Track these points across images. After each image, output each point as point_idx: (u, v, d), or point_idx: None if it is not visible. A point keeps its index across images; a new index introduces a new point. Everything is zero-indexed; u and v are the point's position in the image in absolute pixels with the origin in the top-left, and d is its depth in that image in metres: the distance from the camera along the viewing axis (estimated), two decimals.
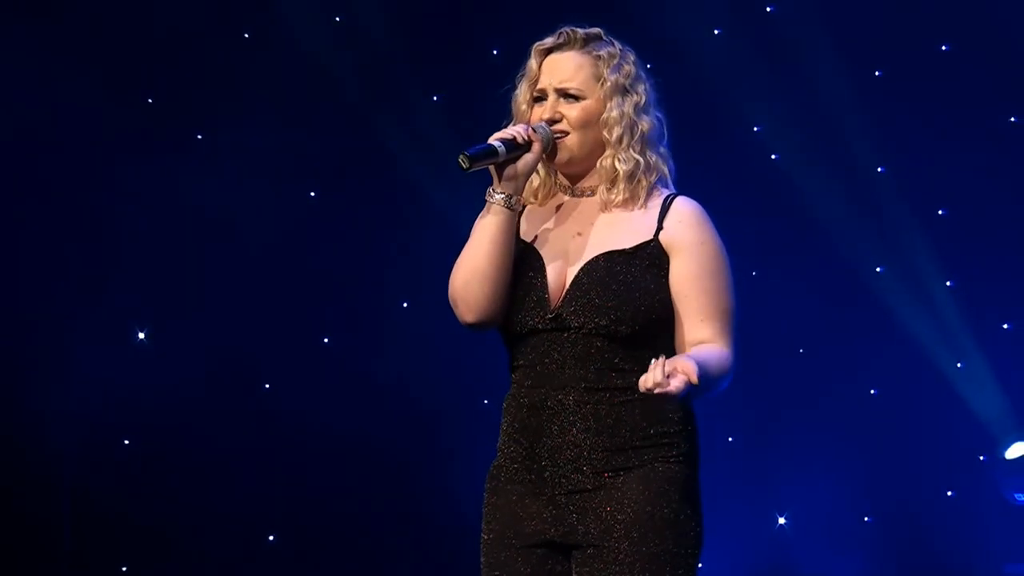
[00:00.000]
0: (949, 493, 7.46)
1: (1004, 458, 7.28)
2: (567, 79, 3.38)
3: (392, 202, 7.52)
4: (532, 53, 3.43)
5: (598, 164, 3.38)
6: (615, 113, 3.36)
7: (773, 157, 7.52)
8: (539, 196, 3.47)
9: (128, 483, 7.12)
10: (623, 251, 3.31)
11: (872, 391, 7.53)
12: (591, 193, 3.41)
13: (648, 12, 7.02)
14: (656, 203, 3.37)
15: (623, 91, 3.38)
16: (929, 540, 7.39)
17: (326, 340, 7.57)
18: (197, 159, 7.31)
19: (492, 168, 3.34)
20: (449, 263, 8.04)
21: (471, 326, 3.39)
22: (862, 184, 7.42)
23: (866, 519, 7.49)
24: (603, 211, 3.38)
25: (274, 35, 7.39)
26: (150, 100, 7.32)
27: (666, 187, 3.42)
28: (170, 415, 7.17)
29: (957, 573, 7.34)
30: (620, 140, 3.35)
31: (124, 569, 7.23)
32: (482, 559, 3.44)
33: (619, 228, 3.35)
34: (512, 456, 3.37)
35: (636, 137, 3.36)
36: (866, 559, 7.42)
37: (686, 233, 3.33)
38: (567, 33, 3.42)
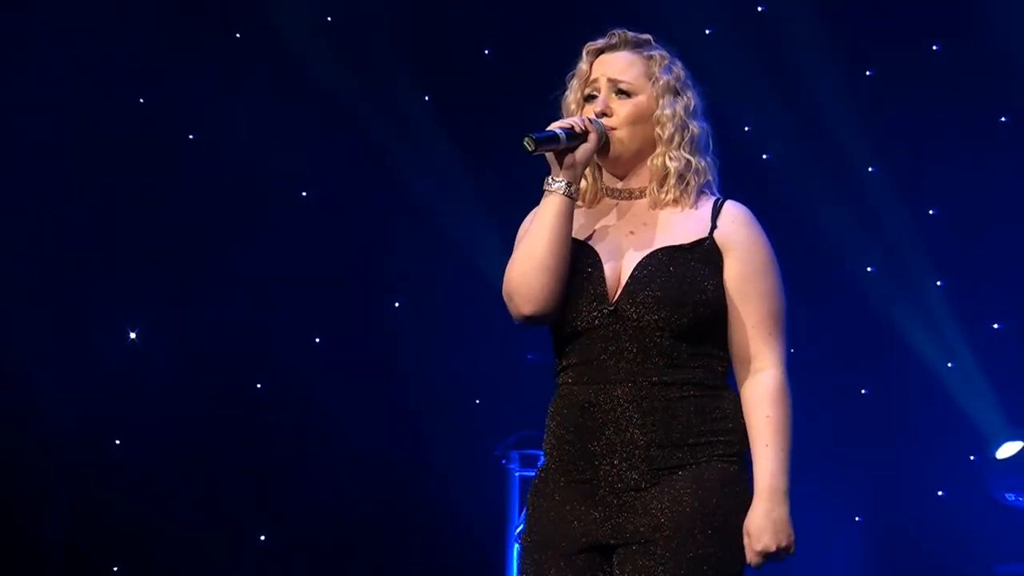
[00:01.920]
0: (940, 493, 7.47)
1: (995, 458, 7.29)
2: (619, 72, 3.38)
3: (384, 202, 7.52)
4: (583, 54, 3.43)
5: (648, 162, 3.37)
6: (667, 111, 3.37)
7: (764, 157, 7.53)
8: (586, 199, 3.43)
9: (120, 483, 7.11)
10: (681, 247, 3.31)
11: (863, 391, 7.54)
12: (639, 195, 3.39)
13: (639, 11, 7.03)
14: (707, 205, 3.39)
15: (674, 91, 3.40)
16: (920, 540, 7.39)
17: (318, 340, 7.57)
18: (188, 159, 7.31)
19: (551, 156, 3.30)
20: (441, 264, 8.05)
21: (527, 319, 3.29)
22: (853, 184, 7.43)
23: (857, 519, 7.50)
24: (653, 210, 3.37)
25: (265, 34, 7.39)
26: (141, 100, 7.32)
27: (712, 193, 3.45)
28: (162, 415, 7.16)
29: (948, 573, 7.35)
30: (672, 139, 3.36)
31: (116, 569, 7.22)
32: (522, 562, 3.35)
33: (673, 226, 3.35)
34: (563, 459, 3.30)
35: (687, 139, 3.37)
36: (857, 559, 7.42)
37: (740, 233, 3.37)
38: (619, 34, 3.44)
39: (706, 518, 3.21)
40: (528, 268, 3.27)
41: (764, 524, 3.23)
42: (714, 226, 3.35)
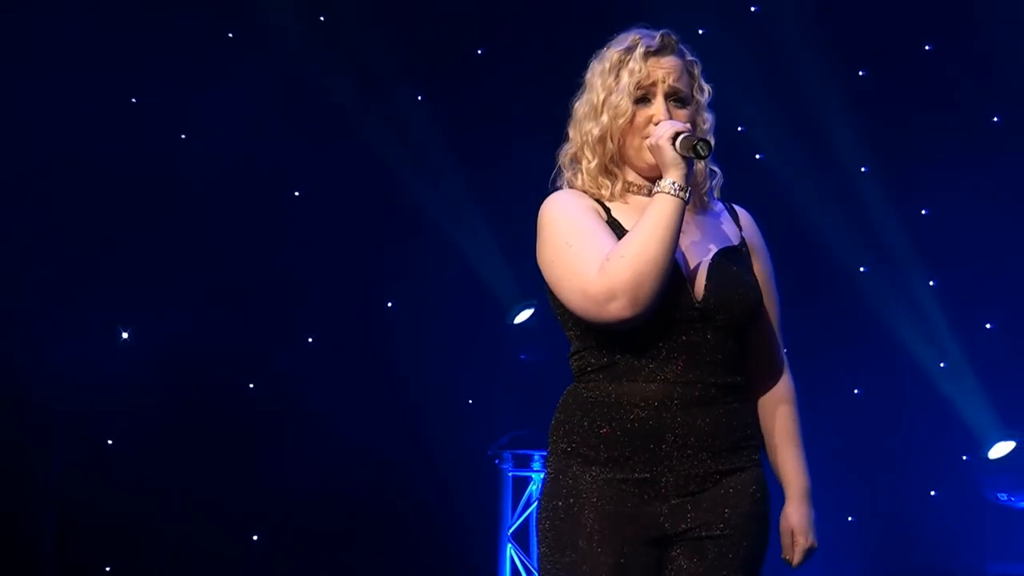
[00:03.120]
0: (932, 492, 7.48)
1: (987, 458, 7.30)
2: (678, 79, 3.37)
3: (377, 202, 7.52)
4: (636, 54, 3.37)
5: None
6: (711, 121, 3.42)
7: (757, 157, 7.53)
8: (613, 193, 3.37)
9: (112, 483, 7.10)
10: (736, 248, 3.37)
11: (856, 391, 7.55)
12: None
13: (632, 11, 7.02)
14: (720, 208, 3.46)
15: (711, 102, 3.44)
16: (912, 539, 7.40)
17: (310, 340, 7.57)
18: (182, 159, 7.31)
19: (683, 159, 3.23)
20: (433, 264, 8.03)
21: (623, 322, 3.15)
22: (846, 184, 7.44)
23: (850, 518, 7.50)
24: (688, 212, 3.32)
25: (258, 35, 7.39)
26: (134, 100, 7.31)
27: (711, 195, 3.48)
28: (154, 415, 7.16)
29: (940, 572, 7.36)
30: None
31: (108, 569, 7.22)
32: (575, 556, 3.20)
33: (718, 228, 3.40)
34: (614, 457, 3.21)
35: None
36: (850, 558, 7.43)
37: (757, 237, 3.48)
38: (669, 38, 3.43)
39: (756, 520, 3.34)
40: (647, 271, 3.14)
41: (807, 523, 3.51)
42: (740, 228, 3.45)
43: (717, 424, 3.24)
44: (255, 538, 7.44)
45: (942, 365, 7.40)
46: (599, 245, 3.20)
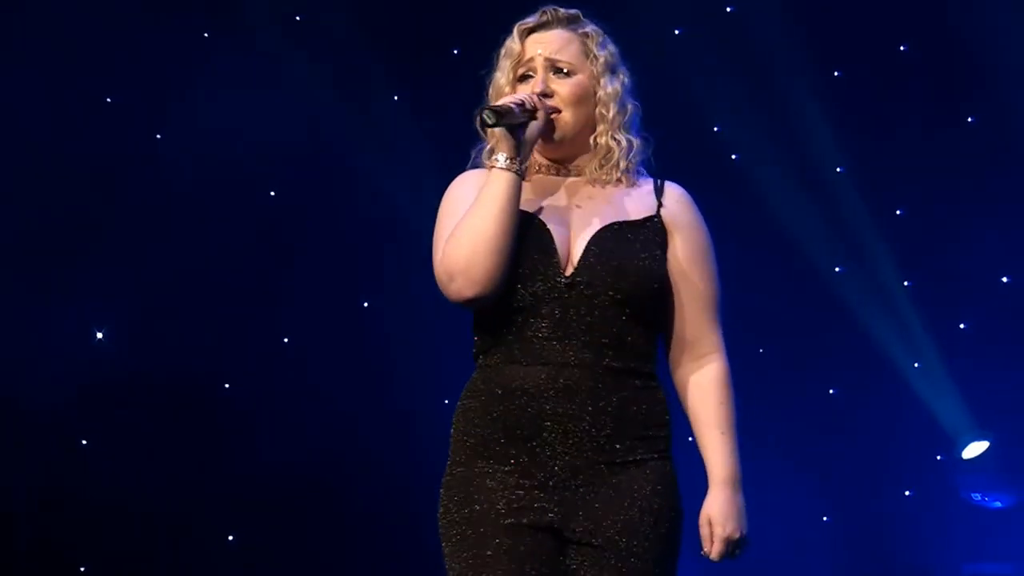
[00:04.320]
0: (907, 493, 7.49)
1: (961, 458, 7.32)
2: (557, 51, 3.28)
3: (352, 201, 7.50)
4: (514, 33, 3.34)
5: (591, 141, 3.28)
6: (610, 90, 3.29)
7: (733, 157, 7.54)
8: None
9: (86, 483, 7.08)
10: (632, 222, 3.23)
11: (831, 391, 7.56)
12: (577, 172, 3.30)
13: (608, 11, 7.02)
14: (647, 184, 3.32)
15: (612, 69, 3.32)
16: (887, 540, 7.42)
17: (286, 340, 7.55)
18: (156, 158, 7.28)
19: (502, 132, 3.17)
20: (409, 263, 8.02)
21: (469, 301, 3.16)
22: (821, 184, 7.45)
23: (824, 519, 7.51)
24: (594, 187, 3.27)
25: (234, 34, 7.37)
26: (108, 99, 7.29)
27: (646, 172, 3.36)
28: (129, 416, 7.14)
29: (915, 572, 7.37)
30: (614, 118, 3.28)
31: (83, 569, 7.19)
32: (454, 545, 3.20)
33: (620, 203, 3.26)
34: (492, 447, 3.15)
35: (627, 117, 3.30)
36: (825, 559, 7.44)
37: (686, 214, 3.29)
38: (550, 12, 3.35)
39: (658, 520, 3.15)
40: (476, 248, 3.12)
41: (729, 511, 3.27)
42: (660, 205, 3.27)
43: (605, 412, 3.12)
44: (231, 538, 7.42)
45: (916, 365, 7.41)
46: (452, 226, 3.19)
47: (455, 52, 7.45)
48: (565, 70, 3.28)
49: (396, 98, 7.54)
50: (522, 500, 3.11)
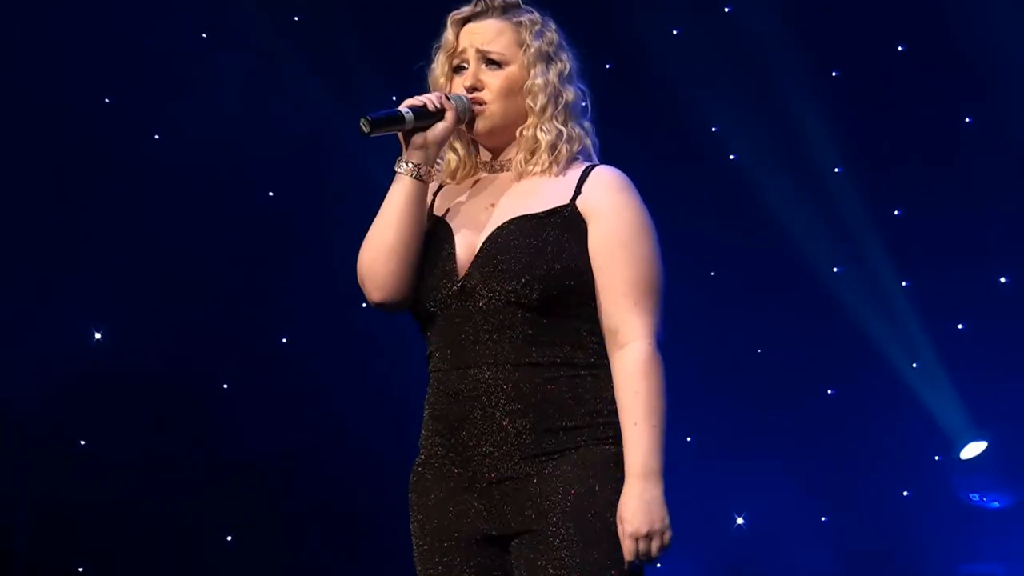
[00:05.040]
0: (905, 493, 7.49)
1: (959, 458, 7.32)
2: (488, 42, 3.21)
3: (350, 202, 7.49)
4: (447, 24, 3.30)
5: (518, 134, 3.20)
6: (539, 81, 3.18)
7: (731, 157, 7.54)
8: (458, 176, 3.29)
9: (84, 483, 7.07)
10: (534, 215, 3.11)
11: (829, 391, 7.55)
12: (510, 167, 3.22)
13: (606, 12, 7.03)
14: (576, 172, 3.17)
15: (547, 58, 3.20)
16: (885, 540, 7.42)
17: (284, 340, 7.55)
18: (154, 158, 7.28)
19: (400, 136, 3.18)
20: None
21: (379, 305, 3.20)
22: (819, 184, 7.45)
23: (823, 519, 7.51)
24: (519, 181, 3.19)
25: (232, 34, 7.36)
26: (107, 100, 7.29)
27: (588, 160, 3.23)
28: (127, 416, 7.13)
29: (913, 573, 7.38)
30: (544, 109, 3.18)
31: (81, 570, 7.19)
32: (419, 564, 3.22)
33: (533, 195, 3.15)
34: (435, 451, 3.18)
35: (560, 107, 3.19)
36: (823, 559, 7.44)
37: (605, 198, 3.12)
38: (484, 1, 3.26)
39: (595, 498, 3.04)
40: (376, 254, 3.17)
41: (637, 506, 3.01)
42: (578, 193, 3.13)
43: (526, 409, 3.05)
44: (229, 539, 7.42)
45: (915, 366, 7.41)
46: None
47: None
48: (497, 61, 3.21)
49: (394, 99, 7.53)
50: (460, 509, 3.14)
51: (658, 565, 3.18)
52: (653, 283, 3.11)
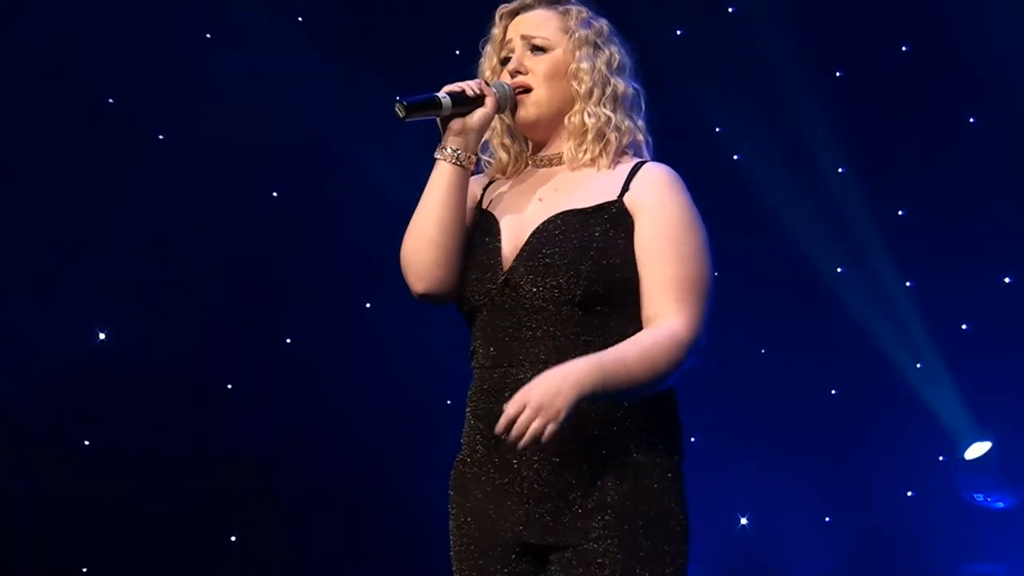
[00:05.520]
0: (909, 493, 7.49)
1: (963, 458, 7.32)
2: (534, 29, 3.17)
3: (354, 202, 7.50)
4: (495, 18, 3.27)
5: (566, 121, 3.15)
6: (585, 64, 3.14)
7: (735, 158, 7.54)
8: (508, 171, 3.24)
9: (87, 483, 7.07)
10: (581, 210, 3.04)
11: (832, 391, 7.55)
12: (559, 162, 3.16)
13: (609, 12, 7.03)
14: (626, 167, 3.11)
15: (593, 45, 3.17)
16: (889, 540, 7.42)
17: (288, 340, 7.55)
18: (158, 158, 7.28)
19: (438, 122, 3.15)
20: None
21: (423, 297, 3.12)
22: (823, 184, 7.45)
23: (827, 519, 7.51)
24: (570, 174, 3.13)
25: (236, 35, 7.37)
26: (111, 100, 7.29)
27: (639, 157, 3.19)
28: (131, 416, 7.14)
29: (916, 572, 7.37)
30: (590, 94, 3.14)
31: (85, 570, 7.19)
32: (454, 566, 3.13)
33: (582, 190, 3.08)
34: (476, 449, 3.07)
35: (608, 95, 3.15)
36: (827, 559, 7.44)
37: (653, 194, 3.05)
38: None
39: (637, 514, 2.95)
40: (418, 243, 3.11)
41: (552, 378, 2.83)
42: (626, 189, 3.07)
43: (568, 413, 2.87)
44: (233, 539, 7.42)
45: (918, 366, 7.41)
46: None
47: (457, 53, 7.45)
48: (541, 46, 3.17)
49: (398, 98, 7.53)
50: (499, 512, 3.04)
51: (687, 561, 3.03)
52: (700, 282, 3.02)
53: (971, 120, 7.42)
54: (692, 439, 7.49)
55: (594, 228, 3.02)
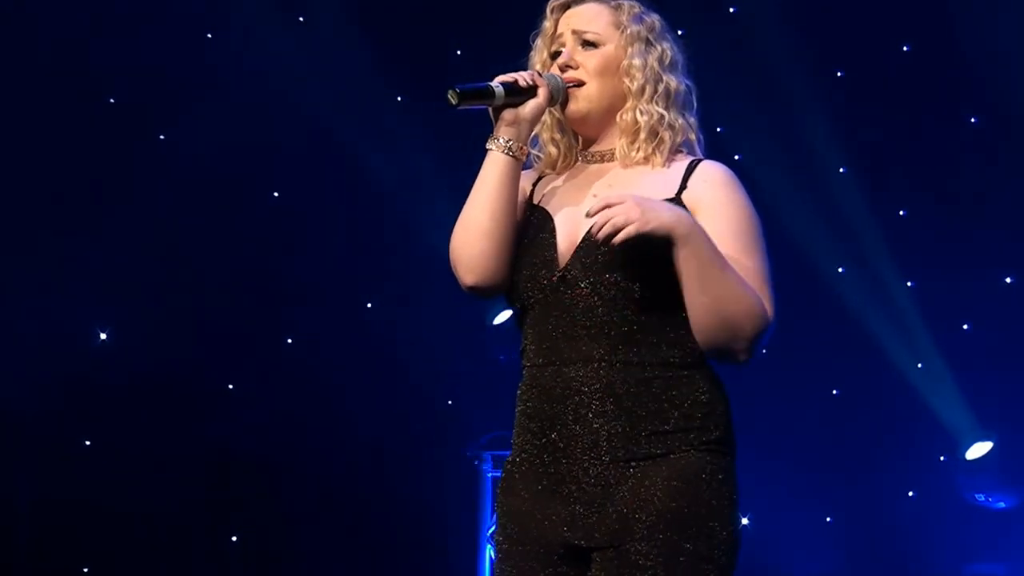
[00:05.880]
0: (910, 493, 7.49)
1: (964, 458, 7.32)
2: (585, 23, 3.13)
3: (356, 202, 7.51)
4: (548, 11, 3.21)
5: (617, 118, 3.12)
6: (637, 61, 3.11)
7: (736, 158, 7.53)
8: (558, 167, 3.20)
9: (88, 484, 7.08)
10: None
11: (834, 391, 7.55)
12: (611, 158, 3.13)
13: None
14: (681, 165, 3.12)
15: (645, 41, 3.15)
16: (890, 540, 7.41)
17: (289, 341, 7.55)
18: (159, 160, 7.28)
19: (490, 112, 3.09)
20: (412, 265, 8.02)
21: (472, 289, 3.05)
22: (824, 184, 7.45)
23: (828, 519, 7.51)
24: (623, 171, 3.10)
25: (237, 35, 7.37)
26: (112, 100, 7.29)
27: (693, 155, 3.20)
28: (132, 416, 7.14)
29: (917, 573, 7.37)
30: (643, 90, 3.11)
31: (86, 570, 7.19)
32: (497, 566, 3.07)
33: (637, 187, 3.03)
34: (525, 449, 3.02)
35: (660, 92, 3.14)
36: (828, 559, 7.44)
37: (711, 192, 3.07)
38: None
39: (681, 515, 2.90)
40: (467, 235, 3.04)
41: (654, 202, 2.91)
42: (683, 187, 3.07)
43: (620, 411, 2.93)
44: (234, 539, 7.42)
45: (920, 366, 7.41)
46: None
47: (457, 53, 7.46)
48: (592, 41, 3.14)
49: (399, 99, 7.54)
50: (544, 514, 2.99)
51: (734, 567, 2.97)
52: (767, 275, 3.06)
53: (972, 120, 7.42)
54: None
55: None
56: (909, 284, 7.43)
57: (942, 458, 7.43)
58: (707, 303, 2.93)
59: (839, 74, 7.51)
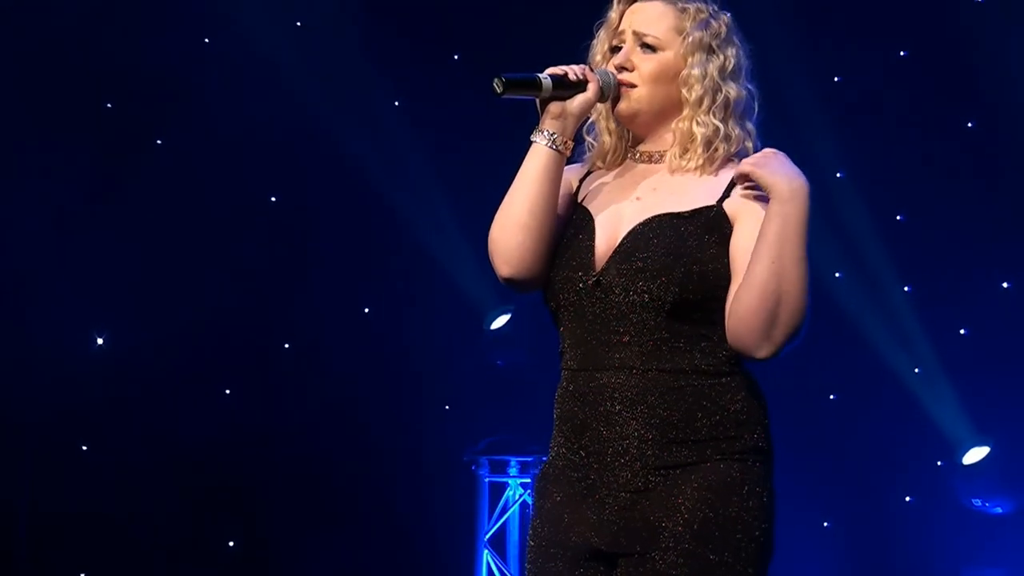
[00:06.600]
0: (907, 498, 7.49)
1: (962, 463, 7.32)
2: (646, 24, 3.06)
3: (354, 207, 7.51)
4: (613, 1, 3.13)
5: (673, 126, 3.07)
6: (696, 71, 3.07)
7: None
8: (608, 160, 3.14)
9: (86, 489, 7.08)
10: (678, 214, 2.96)
11: (831, 396, 7.55)
12: (660, 159, 3.09)
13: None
14: (728, 173, 3.05)
15: (708, 50, 3.11)
16: (888, 545, 7.41)
17: (287, 346, 7.55)
18: (157, 164, 7.29)
19: (537, 104, 3.02)
20: (410, 269, 8.03)
21: (507, 281, 3.02)
22: (821, 189, 7.42)
23: (825, 524, 7.51)
24: (671, 176, 3.05)
25: (235, 40, 7.37)
26: (109, 105, 7.29)
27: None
28: (129, 421, 7.14)
29: None
30: (700, 102, 3.07)
31: (83, 575, 7.19)
32: (527, 565, 3.05)
33: (681, 193, 3.01)
34: (560, 452, 3.00)
35: (719, 102, 3.10)
36: (825, 565, 7.43)
37: (755, 201, 3.00)
38: None
39: (710, 524, 2.88)
40: (506, 226, 3.00)
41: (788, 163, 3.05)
42: (727, 195, 3.01)
43: (653, 418, 2.90)
44: (231, 544, 7.42)
45: (917, 371, 7.41)
46: None
47: (455, 57, 7.46)
48: (651, 45, 3.07)
49: (397, 104, 7.54)
50: (574, 518, 2.97)
51: None
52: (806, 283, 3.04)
53: (969, 125, 7.42)
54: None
55: (688, 234, 2.96)
56: (906, 289, 7.43)
57: (939, 463, 7.43)
58: (768, 272, 2.92)
59: (836, 79, 7.51)
